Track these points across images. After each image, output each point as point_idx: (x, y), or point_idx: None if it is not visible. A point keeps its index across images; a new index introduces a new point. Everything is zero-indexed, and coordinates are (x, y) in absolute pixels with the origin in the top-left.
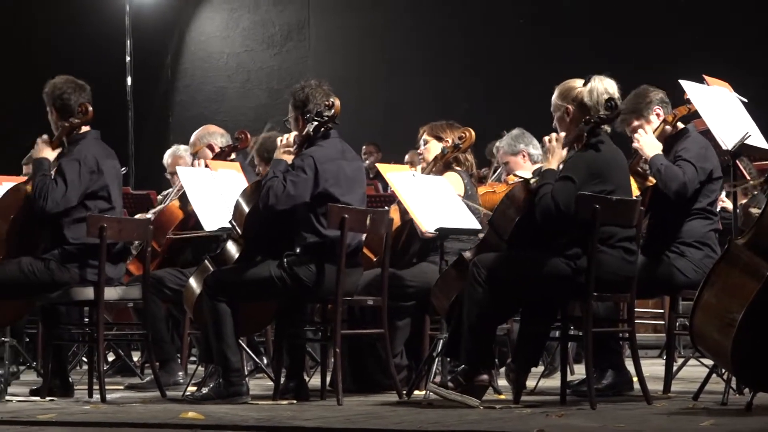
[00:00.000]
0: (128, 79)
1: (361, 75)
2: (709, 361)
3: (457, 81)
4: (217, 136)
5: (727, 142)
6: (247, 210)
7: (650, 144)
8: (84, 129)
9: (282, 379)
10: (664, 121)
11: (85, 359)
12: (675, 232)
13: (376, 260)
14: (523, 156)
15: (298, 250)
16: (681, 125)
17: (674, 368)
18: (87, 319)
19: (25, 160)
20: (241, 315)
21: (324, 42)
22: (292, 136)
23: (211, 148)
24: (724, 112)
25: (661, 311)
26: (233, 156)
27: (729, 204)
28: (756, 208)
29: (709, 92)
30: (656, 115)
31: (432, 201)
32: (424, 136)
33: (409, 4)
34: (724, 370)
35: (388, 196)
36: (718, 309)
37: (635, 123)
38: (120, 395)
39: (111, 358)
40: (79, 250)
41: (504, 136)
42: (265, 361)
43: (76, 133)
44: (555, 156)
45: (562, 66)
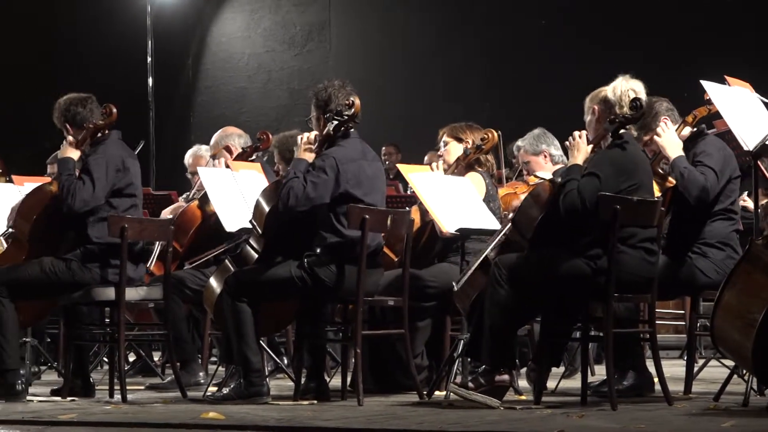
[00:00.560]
0: (149, 80)
1: (382, 75)
2: (731, 362)
3: (478, 82)
4: (234, 137)
5: (749, 143)
6: (267, 209)
7: (673, 143)
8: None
9: (302, 380)
10: (684, 122)
11: (106, 359)
12: (696, 232)
13: (397, 261)
14: (545, 156)
15: (319, 251)
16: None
17: (695, 369)
18: (108, 320)
19: (50, 160)
20: (262, 315)
21: (345, 42)
22: (313, 134)
23: (229, 149)
24: (746, 113)
25: (682, 312)
26: (254, 156)
27: (750, 203)
28: None
29: (731, 93)
30: (665, 125)
31: (452, 201)
32: (444, 138)
33: (429, 5)
34: (745, 371)
35: (409, 196)
36: (739, 309)
37: (645, 138)
38: (141, 395)
39: (132, 358)
40: (101, 249)
41: (525, 136)
42: (286, 362)
43: (101, 134)
44: (580, 152)
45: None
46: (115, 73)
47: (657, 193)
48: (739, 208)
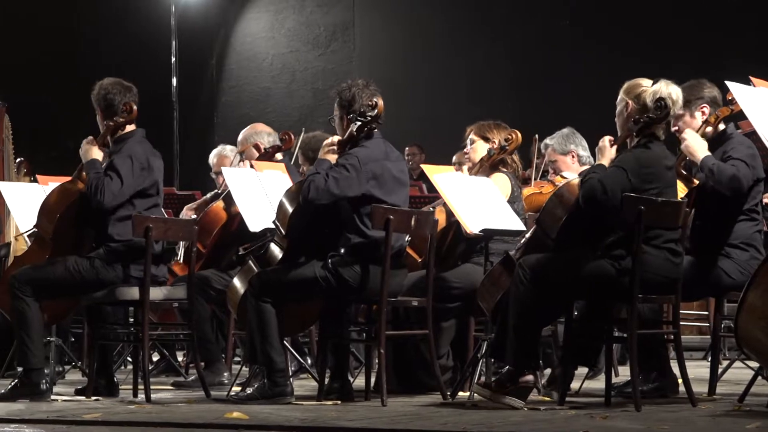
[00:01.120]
0: (173, 80)
1: (405, 75)
2: (755, 363)
3: (502, 82)
4: (264, 135)
5: None
6: (291, 210)
7: (699, 145)
8: (129, 128)
9: (326, 380)
10: (706, 122)
11: (130, 359)
12: (720, 233)
13: (421, 261)
14: (572, 156)
15: (342, 251)
16: (721, 126)
17: (719, 370)
18: (132, 319)
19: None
20: (286, 315)
21: (369, 43)
22: (336, 138)
23: (257, 147)
24: None
25: (706, 313)
26: (279, 156)
27: None
28: None
29: (756, 93)
30: (701, 113)
31: (477, 202)
32: (471, 136)
33: (452, 5)
34: None
35: (432, 197)
36: (763, 310)
37: (678, 112)
38: (165, 395)
39: (156, 357)
40: (125, 248)
41: (554, 134)
42: (310, 362)
43: (121, 131)
44: (605, 155)
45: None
46: (139, 73)
47: (681, 193)
48: (762, 209)
